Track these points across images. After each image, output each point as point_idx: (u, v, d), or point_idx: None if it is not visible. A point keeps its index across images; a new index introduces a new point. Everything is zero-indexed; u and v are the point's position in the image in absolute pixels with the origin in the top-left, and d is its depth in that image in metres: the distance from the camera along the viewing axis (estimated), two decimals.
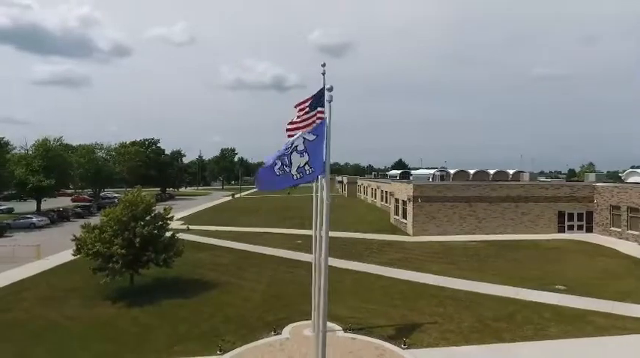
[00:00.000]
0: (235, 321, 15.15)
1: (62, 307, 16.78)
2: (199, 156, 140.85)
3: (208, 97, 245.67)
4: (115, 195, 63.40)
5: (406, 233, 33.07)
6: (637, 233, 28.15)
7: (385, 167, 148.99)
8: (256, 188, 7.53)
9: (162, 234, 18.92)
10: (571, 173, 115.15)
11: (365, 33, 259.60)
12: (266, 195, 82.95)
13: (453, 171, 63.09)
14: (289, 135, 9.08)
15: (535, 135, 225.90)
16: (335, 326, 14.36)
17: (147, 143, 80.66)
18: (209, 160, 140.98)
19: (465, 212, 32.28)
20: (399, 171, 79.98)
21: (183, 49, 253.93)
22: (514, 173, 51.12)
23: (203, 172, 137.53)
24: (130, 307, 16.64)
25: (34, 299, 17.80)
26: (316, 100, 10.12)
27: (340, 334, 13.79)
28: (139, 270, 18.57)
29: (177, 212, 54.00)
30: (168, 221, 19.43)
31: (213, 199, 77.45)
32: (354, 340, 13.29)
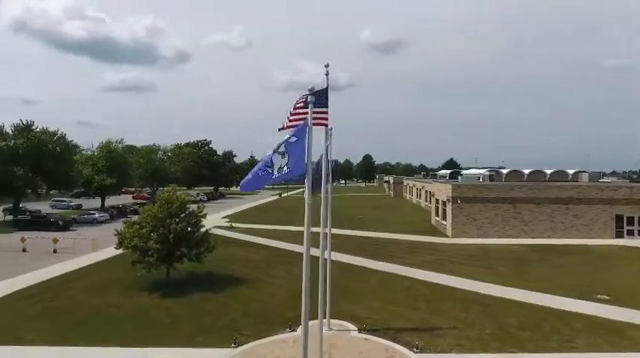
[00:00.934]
0: (256, 316, 15.69)
1: (105, 296, 18.29)
2: (251, 156, 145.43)
3: (261, 99, 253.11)
4: None
5: (445, 235, 32.11)
6: None
7: (438, 167, 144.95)
8: (240, 189, 7.85)
9: (195, 231, 19.97)
10: None
11: (417, 30, 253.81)
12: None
13: (506, 171, 60.18)
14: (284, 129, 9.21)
15: (603, 134, 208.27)
16: (350, 325, 14.44)
17: (200, 144, 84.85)
18: (259, 160, 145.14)
19: (509, 214, 30.72)
20: (449, 171, 77.45)
21: (239, 54, 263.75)
22: (574, 173, 47.74)
23: None
24: (164, 298, 17.77)
25: (82, 288, 19.54)
26: (317, 100, 10.21)
27: (354, 334, 13.84)
28: (174, 264, 19.73)
29: (224, 210, 56.66)
30: (201, 218, 20.45)
31: (260, 198, 79.78)
32: (367, 340, 13.27)
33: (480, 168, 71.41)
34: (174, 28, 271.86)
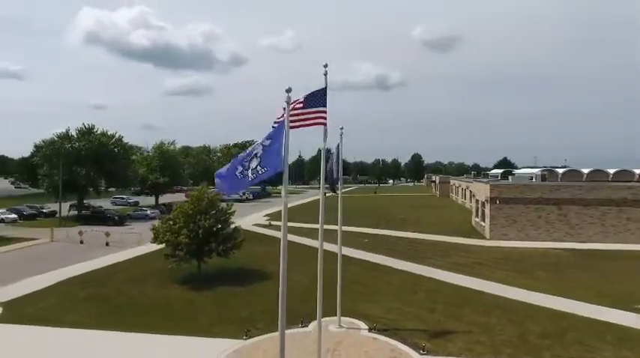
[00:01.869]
0: (273, 311, 16.04)
1: (141, 286, 19.71)
2: (299, 156, 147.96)
3: None
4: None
5: (483, 236, 30.86)
6: None
7: (493, 166, 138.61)
8: (217, 190, 8.17)
9: (224, 227, 20.91)
10: None
11: (472, 25, 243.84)
12: (355, 194, 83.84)
13: (563, 170, 56.70)
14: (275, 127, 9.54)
15: None
16: (362, 324, 14.52)
17: (247, 144, 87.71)
18: (308, 160, 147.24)
19: (554, 216, 28.91)
20: (501, 170, 73.87)
21: (290, 56, 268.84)
22: None
23: (302, 171, 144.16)
24: (191, 291, 18.83)
25: (124, 278, 21.18)
26: (315, 99, 10.41)
27: (363, 333, 13.91)
28: (205, 259, 20.79)
29: (267, 208, 58.18)
30: (230, 216, 21.36)
31: (305, 197, 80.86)
32: (375, 340, 13.29)
33: (540, 167, 67.37)
34: (229, 34, 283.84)
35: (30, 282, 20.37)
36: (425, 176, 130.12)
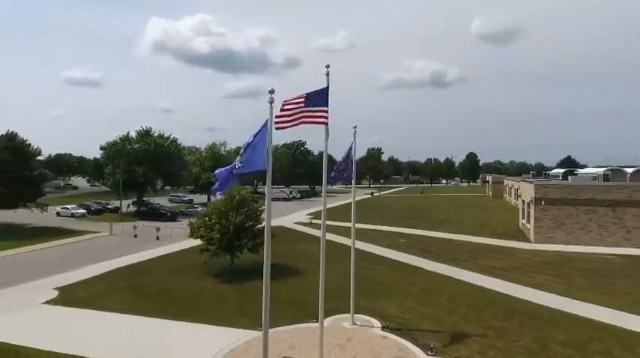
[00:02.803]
0: (294, 306, 16.75)
1: (178, 277, 21.18)
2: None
3: (366, 99, 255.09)
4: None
5: (528, 239, 29.28)
6: None
7: (557, 165, 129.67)
8: (215, 190, 8.62)
9: (255, 224, 21.82)
10: None
11: (533, 15, 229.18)
12: (402, 195, 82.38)
13: (632, 169, 52.14)
14: (277, 128, 9.87)
15: None
16: (376, 322, 14.64)
17: (295, 145, 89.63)
18: (358, 160, 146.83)
19: (607, 219, 26.77)
20: (563, 169, 69.07)
21: (343, 56, 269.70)
22: None
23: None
24: (222, 283, 19.94)
25: (164, 269, 22.84)
26: (317, 98, 10.70)
27: (375, 331, 14.02)
28: (237, 254, 21.84)
29: (312, 207, 59.20)
30: (260, 213, 22.23)
31: (348, 198, 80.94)
32: (385, 338, 13.37)
33: (613, 166, 62.27)
34: (283, 36, 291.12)
35: (86, 271, 22.67)
36: (480, 176, 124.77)
